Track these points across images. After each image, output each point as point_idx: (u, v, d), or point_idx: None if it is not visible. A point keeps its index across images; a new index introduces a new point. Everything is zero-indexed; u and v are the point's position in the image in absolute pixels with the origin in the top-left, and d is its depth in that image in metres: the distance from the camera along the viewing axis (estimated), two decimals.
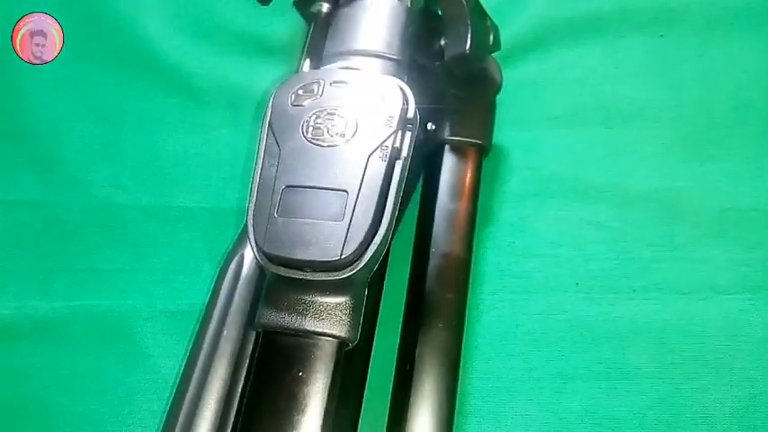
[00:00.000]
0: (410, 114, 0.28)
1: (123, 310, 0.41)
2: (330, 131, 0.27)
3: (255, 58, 0.48)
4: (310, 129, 0.27)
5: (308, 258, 0.25)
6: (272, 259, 0.26)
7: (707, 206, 0.41)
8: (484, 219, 0.41)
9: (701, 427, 0.35)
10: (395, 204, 0.27)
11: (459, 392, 0.35)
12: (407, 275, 0.37)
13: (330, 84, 0.29)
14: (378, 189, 0.26)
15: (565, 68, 0.47)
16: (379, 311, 0.34)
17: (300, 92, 0.29)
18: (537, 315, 0.38)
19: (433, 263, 0.36)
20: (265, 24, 0.48)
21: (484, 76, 0.39)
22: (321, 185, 0.26)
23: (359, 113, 0.28)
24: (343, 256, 0.25)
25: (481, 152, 0.39)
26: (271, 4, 0.39)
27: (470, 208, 0.37)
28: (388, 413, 0.33)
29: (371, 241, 0.26)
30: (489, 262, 0.40)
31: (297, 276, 0.26)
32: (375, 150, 0.27)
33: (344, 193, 0.26)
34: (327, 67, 0.31)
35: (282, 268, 0.26)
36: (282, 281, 0.27)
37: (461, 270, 0.35)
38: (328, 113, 0.28)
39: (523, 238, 0.41)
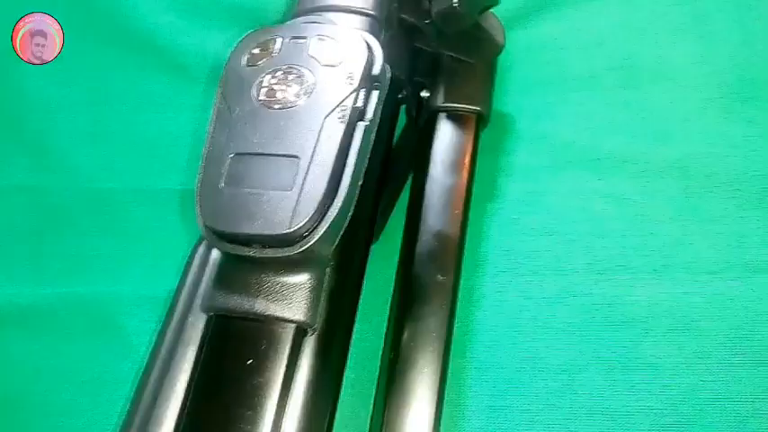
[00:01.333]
0: (375, 71, 0.25)
1: (111, 297, 0.39)
2: (284, 92, 0.24)
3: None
4: (263, 90, 0.25)
5: (254, 232, 0.22)
6: (218, 235, 0.23)
7: (743, 174, 0.36)
8: (489, 194, 0.38)
9: (733, 428, 0.30)
10: (356, 171, 0.24)
11: (455, 381, 0.32)
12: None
13: (288, 40, 0.26)
14: (334, 154, 0.23)
15: (583, 27, 0.42)
16: (360, 295, 0.31)
17: (256, 50, 0.26)
18: (544, 299, 0.34)
19: (423, 243, 0.32)
20: None
21: (481, 36, 0.35)
22: (270, 152, 0.23)
23: (316, 71, 0.25)
24: (291, 229, 0.22)
25: (479, 120, 0.36)
26: None
27: (465, 182, 0.34)
28: (372, 402, 0.31)
29: (326, 213, 0.23)
30: (493, 241, 0.37)
31: (245, 254, 0.23)
32: (332, 111, 0.24)
33: (296, 159, 0.23)
34: (288, 22, 0.28)
35: (229, 245, 0.23)
36: (232, 259, 0.24)
37: (453, 250, 0.32)
38: (283, 72, 0.25)
39: (532, 215, 0.37)
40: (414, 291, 0.31)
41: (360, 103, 0.24)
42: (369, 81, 0.25)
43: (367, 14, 0.29)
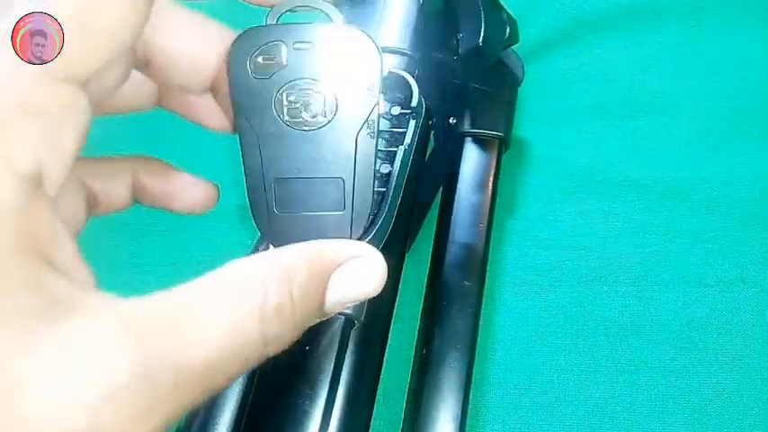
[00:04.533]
0: (414, 103, 0.29)
1: None
2: (308, 111, 0.23)
3: None
4: (285, 109, 0.23)
5: None
6: None
7: (739, 197, 0.40)
8: (509, 212, 0.42)
9: (729, 427, 0.33)
10: (396, 189, 0.27)
11: (480, 381, 0.36)
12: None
13: (293, 46, 0.22)
14: (372, 172, 0.26)
15: (593, 62, 0.47)
16: (397, 297, 0.35)
17: (260, 59, 0.23)
18: (560, 307, 0.38)
19: (451, 251, 0.36)
20: None
21: (503, 70, 0.40)
22: (314, 175, 0.25)
23: (335, 85, 0.22)
24: None
25: (501, 144, 0.40)
26: None
27: (489, 199, 0.38)
28: (406, 394, 0.34)
29: (372, 225, 0.27)
30: (513, 254, 0.41)
31: None
32: (361, 128, 0.23)
33: (340, 181, 0.26)
34: (288, 24, 0.23)
35: None
36: None
37: (478, 259, 0.36)
38: (301, 89, 0.23)
39: (548, 231, 0.41)
40: (443, 294, 0.35)
41: (398, 129, 0.28)
42: (408, 111, 0.29)
43: (405, 54, 0.34)
